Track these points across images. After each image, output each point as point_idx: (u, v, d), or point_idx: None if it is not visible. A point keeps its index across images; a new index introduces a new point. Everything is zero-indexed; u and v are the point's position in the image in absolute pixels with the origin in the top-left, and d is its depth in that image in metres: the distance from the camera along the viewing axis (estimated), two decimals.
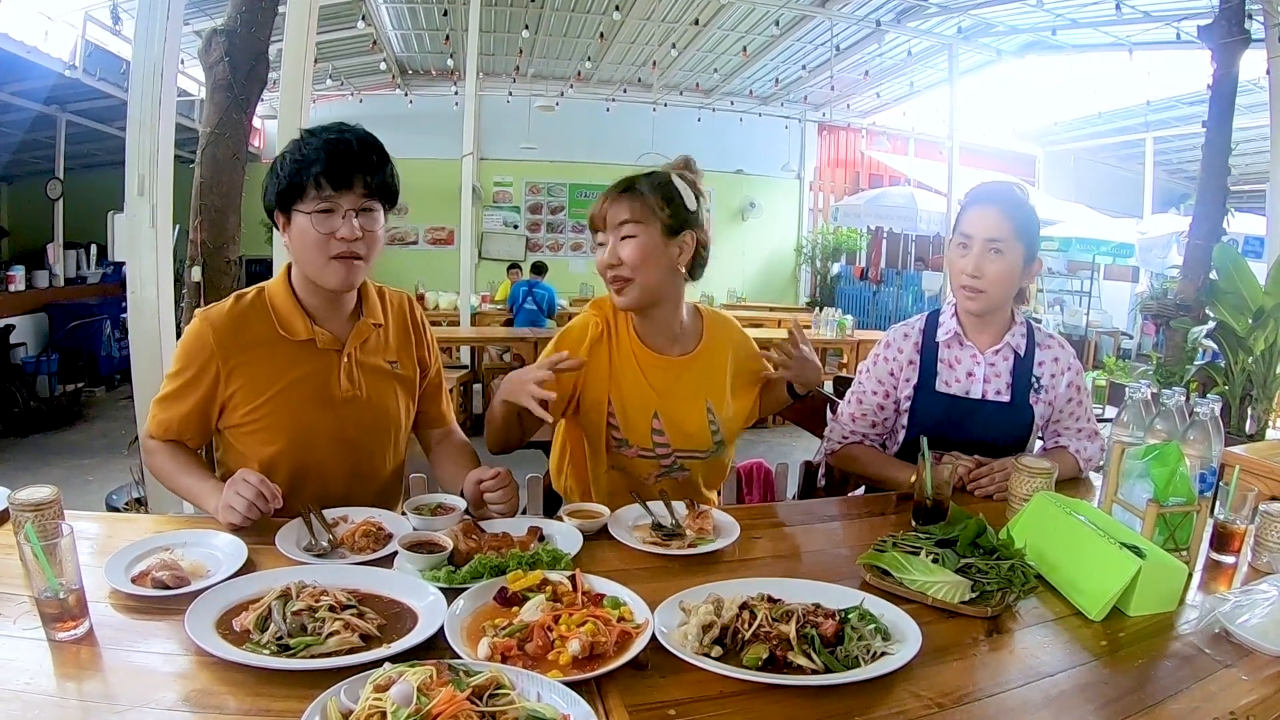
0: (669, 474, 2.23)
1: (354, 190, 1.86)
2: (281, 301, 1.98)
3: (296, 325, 1.97)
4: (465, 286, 10.14)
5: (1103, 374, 9.15)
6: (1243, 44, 5.75)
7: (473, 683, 1.05)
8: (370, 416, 2.06)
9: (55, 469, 6.38)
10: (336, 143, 1.86)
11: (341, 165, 1.85)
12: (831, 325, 8.90)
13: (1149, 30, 9.77)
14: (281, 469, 1.96)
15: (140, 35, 3.61)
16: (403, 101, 14.09)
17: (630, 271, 2.04)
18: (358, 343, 2.04)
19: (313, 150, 1.85)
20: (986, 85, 14.13)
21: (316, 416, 1.98)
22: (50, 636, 1.26)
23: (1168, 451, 1.67)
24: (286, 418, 1.95)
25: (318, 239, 1.87)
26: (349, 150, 1.86)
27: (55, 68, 8.05)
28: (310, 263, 1.92)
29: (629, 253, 2.03)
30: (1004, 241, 2.16)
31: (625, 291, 2.07)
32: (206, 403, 1.95)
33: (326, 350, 2.00)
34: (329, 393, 1.99)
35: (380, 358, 2.10)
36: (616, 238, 2.04)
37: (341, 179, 1.84)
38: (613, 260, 2.04)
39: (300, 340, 1.97)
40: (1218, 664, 1.31)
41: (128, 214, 3.65)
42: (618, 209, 2.04)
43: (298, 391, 1.96)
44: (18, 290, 9.09)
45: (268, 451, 1.96)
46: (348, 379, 2.01)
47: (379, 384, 2.08)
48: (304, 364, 1.97)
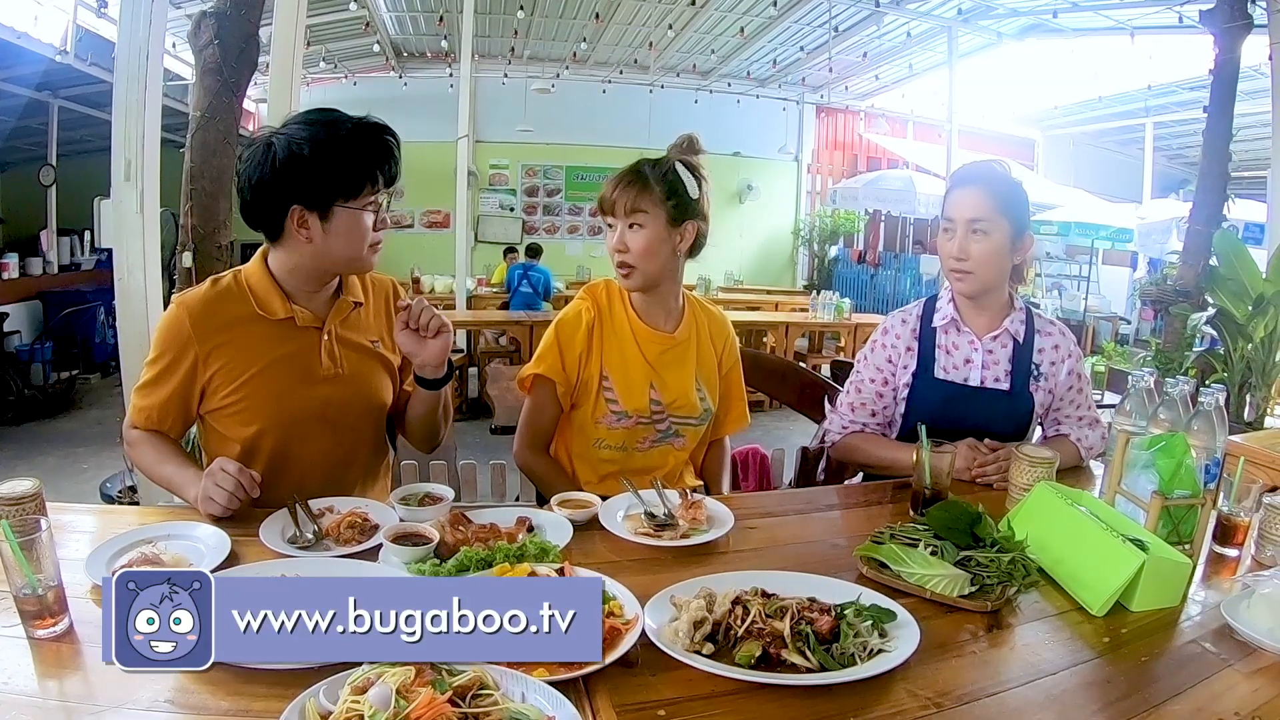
0: (665, 439, 2.29)
1: (393, 183, 1.93)
2: (258, 282, 1.96)
3: (274, 304, 1.95)
4: (461, 270, 10.10)
5: (1102, 359, 9.13)
6: (1245, 29, 5.72)
7: (455, 683, 1.03)
8: (352, 393, 2.04)
9: (50, 457, 6.37)
10: (385, 138, 1.90)
11: (392, 161, 1.91)
12: (829, 309, 8.87)
13: (1150, 14, 9.74)
14: (263, 450, 1.94)
15: (126, 19, 3.56)
16: (397, 84, 14.02)
17: (635, 260, 2.17)
18: (338, 320, 2.02)
19: (369, 146, 1.88)
20: (986, 68, 14.06)
21: (298, 395, 1.95)
22: (29, 634, 1.24)
23: (1174, 443, 1.64)
24: (267, 398, 1.93)
25: (363, 232, 1.90)
26: (394, 148, 1.91)
27: (46, 53, 8.00)
28: (354, 249, 1.92)
29: (636, 243, 2.15)
30: (987, 220, 2.15)
31: (631, 277, 2.20)
32: (186, 387, 1.92)
33: (306, 328, 1.97)
34: (310, 371, 1.97)
35: (362, 336, 2.08)
36: (625, 225, 2.16)
37: (391, 175, 1.91)
38: (620, 247, 2.17)
39: (279, 319, 1.95)
40: (1222, 662, 1.28)
41: (115, 200, 3.61)
42: (626, 199, 2.15)
43: (278, 371, 1.93)
44: (11, 278, 9.09)
45: (249, 432, 1.94)
46: (329, 357, 1.99)
47: (360, 362, 2.06)
48: (284, 343, 1.95)
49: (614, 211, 2.18)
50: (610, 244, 2.20)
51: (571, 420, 2.30)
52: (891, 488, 2.10)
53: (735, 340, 2.48)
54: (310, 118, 1.89)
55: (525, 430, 2.28)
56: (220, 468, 1.71)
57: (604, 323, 2.28)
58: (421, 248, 13.97)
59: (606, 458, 2.27)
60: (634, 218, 2.14)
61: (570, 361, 2.22)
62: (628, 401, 2.23)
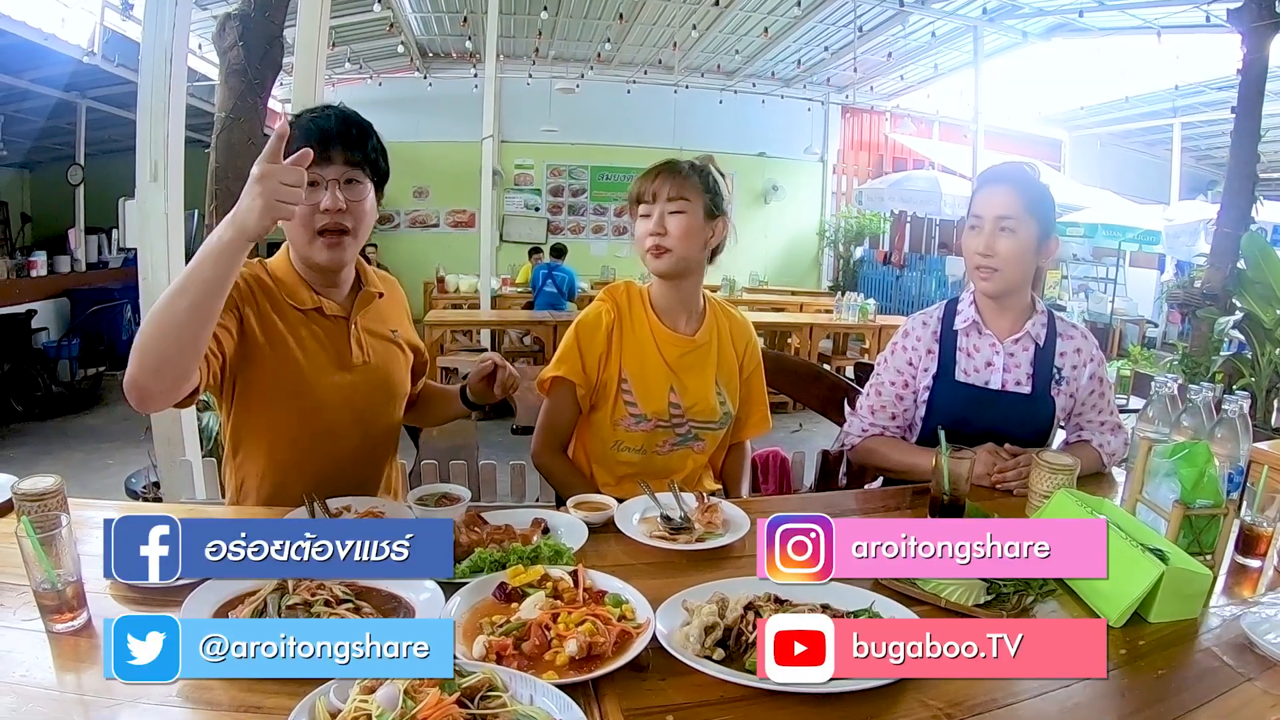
0: (685, 443, 2.28)
1: (334, 162, 1.86)
2: (285, 274, 1.97)
3: (301, 294, 1.96)
4: (486, 269, 10.15)
5: (1127, 363, 9.03)
6: (1273, 28, 5.65)
7: (464, 684, 1.03)
8: (377, 381, 2.05)
9: (76, 452, 6.44)
10: (315, 118, 1.87)
11: (319, 138, 1.83)
12: (854, 310, 8.82)
13: (1178, 13, 9.64)
14: (288, 439, 1.94)
15: (149, 22, 3.58)
16: (422, 84, 14.11)
17: (672, 243, 2.17)
18: (363, 309, 2.04)
19: (296, 131, 1.82)
20: (1012, 68, 13.95)
21: (328, 383, 1.96)
22: (49, 628, 1.26)
23: (1196, 451, 1.61)
24: (299, 385, 1.92)
25: (303, 212, 1.84)
26: (326, 125, 1.86)
27: (73, 54, 8.11)
28: (298, 239, 1.91)
29: (675, 225, 2.16)
30: (1015, 219, 2.13)
31: (663, 258, 2.19)
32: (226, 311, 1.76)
33: (335, 318, 1.99)
34: (343, 359, 1.98)
35: (383, 326, 2.10)
36: (665, 210, 2.16)
37: (320, 152, 1.80)
38: (659, 229, 2.16)
39: (307, 309, 1.96)
40: (1240, 676, 1.26)
41: (139, 200, 3.64)
42: (669, 186, 2.17)
43: (310, 359, 1.94)
44: (39, 275, 9.21)
45: (277, 419, 1.94)
46: (357, 345, 2.01)
47: (385, 350, 2.08)
48: (315, 332, 1.96)
49: (654, 198, 2.18)
50: (644, 229, 2.19)
51: (590, 423, 2.30)
52: (911, 493, 2.08)
53: (757, 344, 2.47)
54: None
55: (543, 431, 2.29)
56: (266, 169, 1.50)
57: (624, 324, 2.27)
58: (447, 247, 14.07)
59: (625, 460, 2.27)
60: (675, 204, 2.15)
61: (590, 363, 2.22)
62: (646, 404, 2.22)
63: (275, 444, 1.95)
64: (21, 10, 7.16)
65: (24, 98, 8.98)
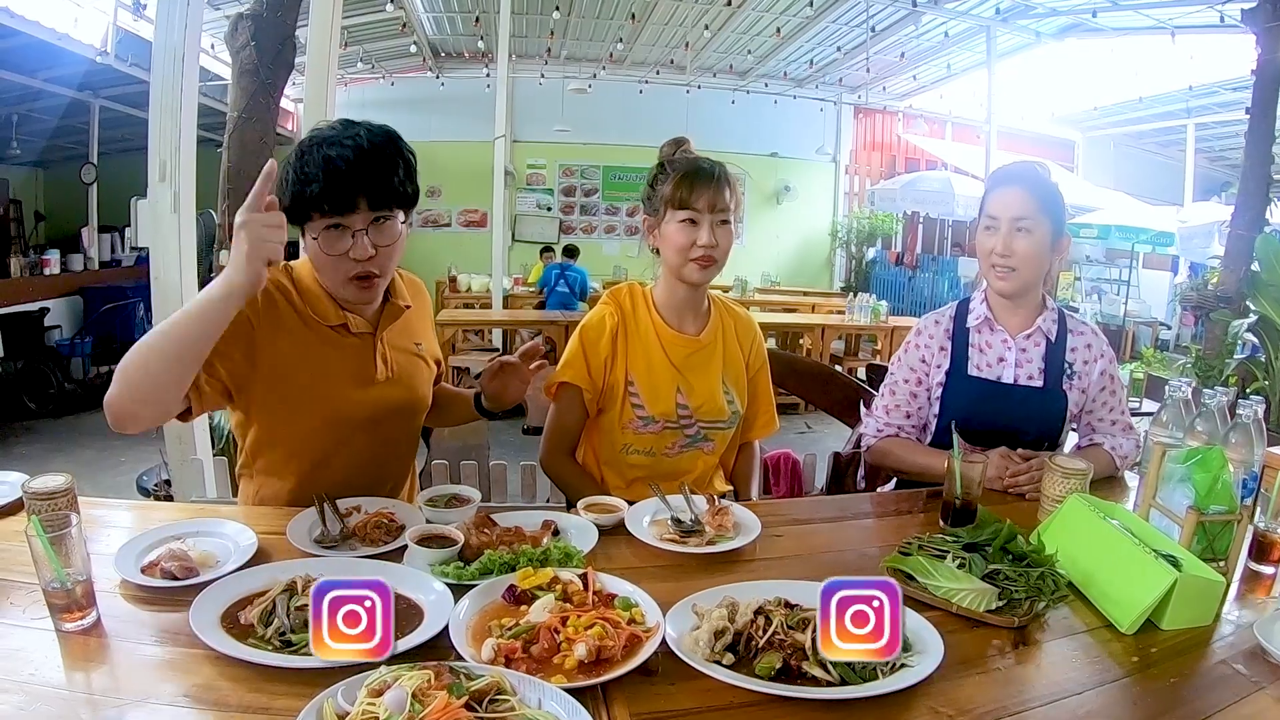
0: (694, 444, 2.27)
1: (360, 210, 1.76)
2: (309, 285, 1.91)
3: (326, 310, 1.90)
4: (498, 269, 10.18)
5: (1141, 366, 8.99)
6: None
7: (472, 687, 1.03)
8: (400, 396, 2.03)
9: (88, 450, 6.48)
10: (335, 160, 1.72)
11: (341, 186, 1.73)
12: (866, 311, 8.81)
13: (1192, 13, 9.57)
14: (308, 450, 1.93)
15: (161, 22, 3.59)
16: (434, 84, 14.12)
17: (720, 255, 2.17)
18: (389, 325, 2.00)
19: (313, 168, 1.73)
20: (1025, 68, 13.86)
21: (351, 400, 1.93)
22: (58, 627, 1.26)
23: (1211, 457, 1.60)
24: (320, 402, 1.90)
25: (330, 261, 1.80)
26: (348, 168, 1.73)
27: (87, 54, 8.13)
28: (328, 282, 1.88)
29: (724, 239, 2.16)
30: (1030, 219, 2.15)
31: (710, 269, 2.19)
32: (232, 340, 1.72)
33: (361, 334, 1.95)
34: (366, 377, 1.95)
35: (408, 339, 2.08)
36: (715, 221, 2.14)
37: (344, 200, 1.74)
38: (711, 243, 2.13)
39: (332, 325, 1.91)
40: (1253, 685, 1.24)
41: (150, 200, 3.64)
42: (720, 197, 2.14)
43: (333, 377, 1.91)
44: (53, 274, 9.26)
45: (297, 432, 1.91)
46: (383, 362, 1.98)
47: (409, 364, 2.06)
48: (338, 348, 1.92)
49: (707, 208, 2.12)
50: (689, 238, 2.12)
51: (599, 426, 2.29)
52: (923, 496, 2.07)
53: (763, 341, 2.45)
54: (324, 124, 1.83)
55: (551, 437, 2.29)
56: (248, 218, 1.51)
57: (628, 327, 2.27)
58: (458, 246, 14.07)
59: (634, 463, 2.26)
60: (723, 214, 2.14)
61: (595, 367, 2.21)
62: (654, 406, 2.21)
63: (295, 456, 1.93)
64: (35, 10, 7.19)
65: (37, 97, 9.02)
